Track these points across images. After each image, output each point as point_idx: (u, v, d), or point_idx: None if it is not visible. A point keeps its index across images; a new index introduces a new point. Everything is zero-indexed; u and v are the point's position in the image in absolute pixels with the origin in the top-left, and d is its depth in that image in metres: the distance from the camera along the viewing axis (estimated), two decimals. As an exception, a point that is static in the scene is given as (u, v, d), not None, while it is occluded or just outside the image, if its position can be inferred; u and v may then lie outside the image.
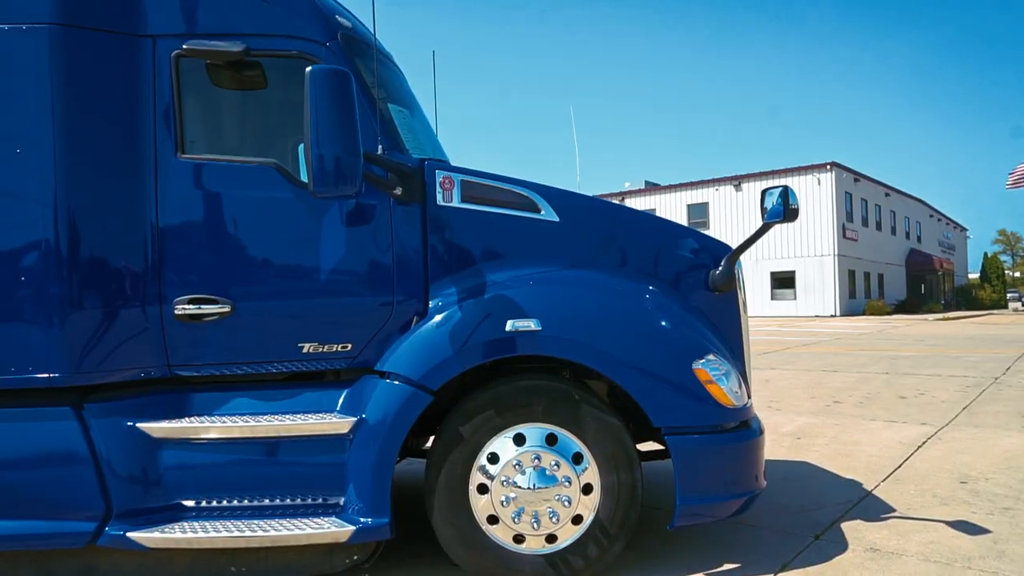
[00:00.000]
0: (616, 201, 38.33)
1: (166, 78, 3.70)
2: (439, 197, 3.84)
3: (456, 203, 3.86)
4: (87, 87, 3.59)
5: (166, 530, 3.51)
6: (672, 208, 49.21)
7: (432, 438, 4.32)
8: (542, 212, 3.95)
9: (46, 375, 3.51)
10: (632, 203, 47.57)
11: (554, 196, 3.99)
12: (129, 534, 3.49)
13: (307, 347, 3.75)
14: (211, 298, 3.67)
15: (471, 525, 3.65)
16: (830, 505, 5.07)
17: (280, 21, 3.79)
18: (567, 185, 4.36)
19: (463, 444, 3.64)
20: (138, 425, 3.60)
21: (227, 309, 3.68)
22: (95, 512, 3.54)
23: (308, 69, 3.35)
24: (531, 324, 3.63)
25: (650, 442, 4.36)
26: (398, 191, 3.74)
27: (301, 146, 4.56)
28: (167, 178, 3.68)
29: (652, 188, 52.55)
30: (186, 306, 3.66)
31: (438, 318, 3.72)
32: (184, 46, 3.65)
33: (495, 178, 3.96)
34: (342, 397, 3.78)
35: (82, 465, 3.54)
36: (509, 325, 3.62)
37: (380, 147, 3.69)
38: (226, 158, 3.82)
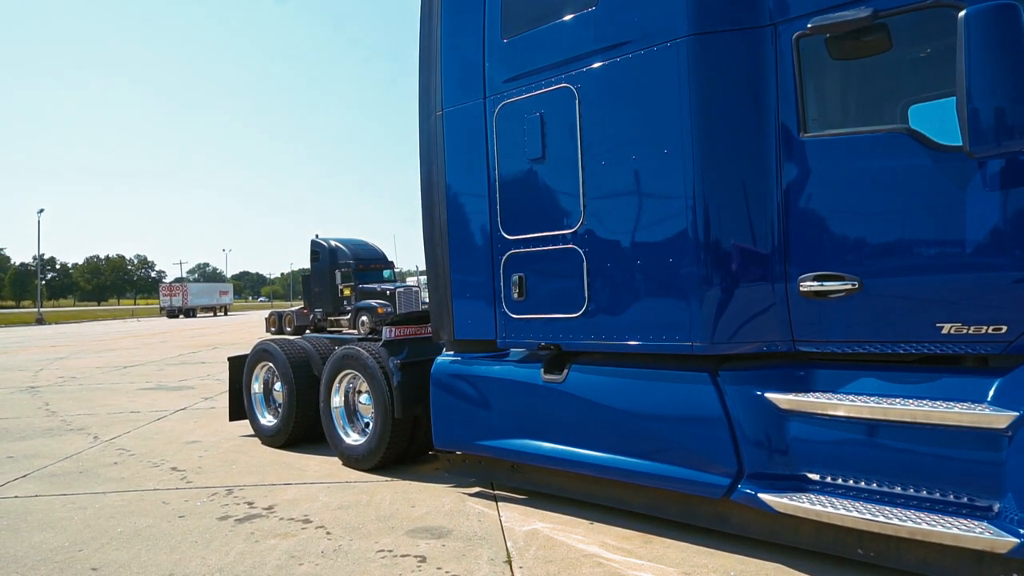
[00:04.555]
0: None
1: (788, 60, 3.78)
2: None
3: None
4: (717, 85, 3.95)
5: (794, 498, 3.64)
6: None
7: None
8: None
9: (688, 343, 4.04)
10: None
11: None
12: (760, 495, 3.74)
13: (947, 328, 3.38)
14: (836, 275, 3.63)
15: None
16: None
17: None
18: None
19: None
20: (766, 395, 3.82)
21: (854, 286, 3.58)
22: (728, 469, 3.91)
23: (962, 14, 2.98)
24: None
25: None
26: None
27: (912, 109, 4.19)
28: (790, 159, 3.79)
29: None
30: (811, 283, 3.71)
31: None
32: (809, 25, 3.66)
33: None
34: (993, 387, 3.28)
35: (718, 426, 3.95)
36: None
37: None
38: (851, 131, 3.72)
